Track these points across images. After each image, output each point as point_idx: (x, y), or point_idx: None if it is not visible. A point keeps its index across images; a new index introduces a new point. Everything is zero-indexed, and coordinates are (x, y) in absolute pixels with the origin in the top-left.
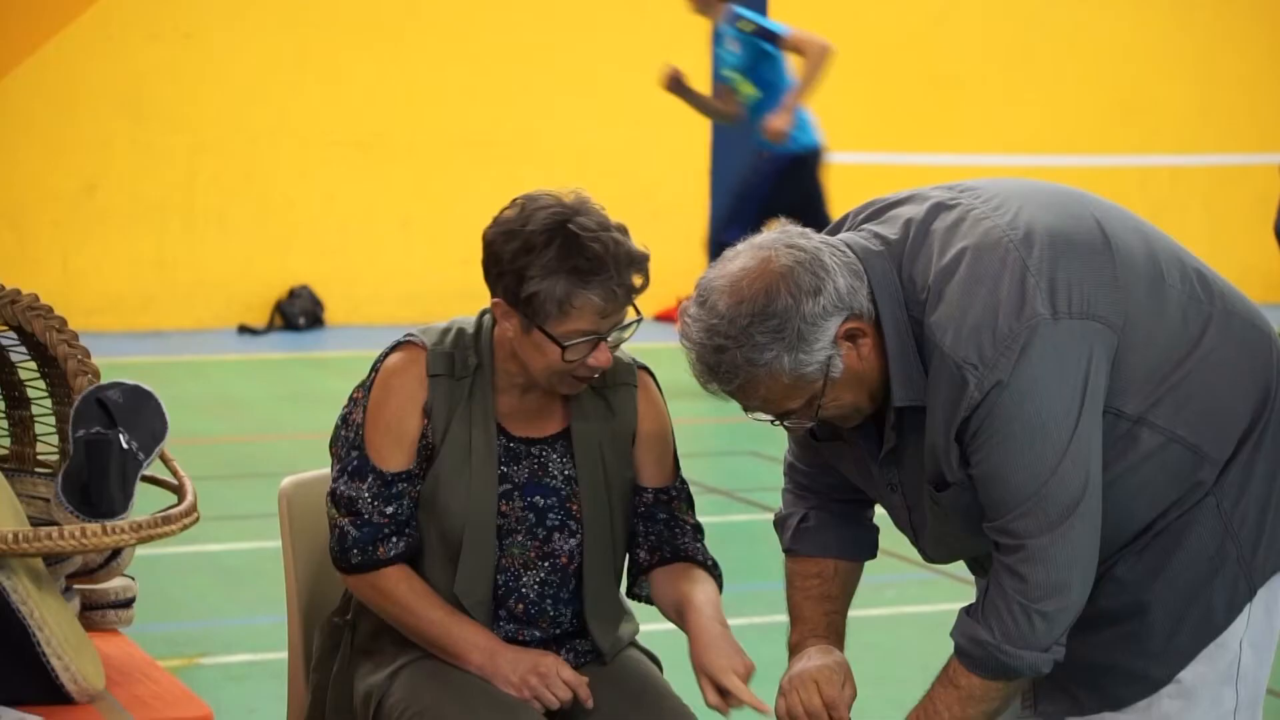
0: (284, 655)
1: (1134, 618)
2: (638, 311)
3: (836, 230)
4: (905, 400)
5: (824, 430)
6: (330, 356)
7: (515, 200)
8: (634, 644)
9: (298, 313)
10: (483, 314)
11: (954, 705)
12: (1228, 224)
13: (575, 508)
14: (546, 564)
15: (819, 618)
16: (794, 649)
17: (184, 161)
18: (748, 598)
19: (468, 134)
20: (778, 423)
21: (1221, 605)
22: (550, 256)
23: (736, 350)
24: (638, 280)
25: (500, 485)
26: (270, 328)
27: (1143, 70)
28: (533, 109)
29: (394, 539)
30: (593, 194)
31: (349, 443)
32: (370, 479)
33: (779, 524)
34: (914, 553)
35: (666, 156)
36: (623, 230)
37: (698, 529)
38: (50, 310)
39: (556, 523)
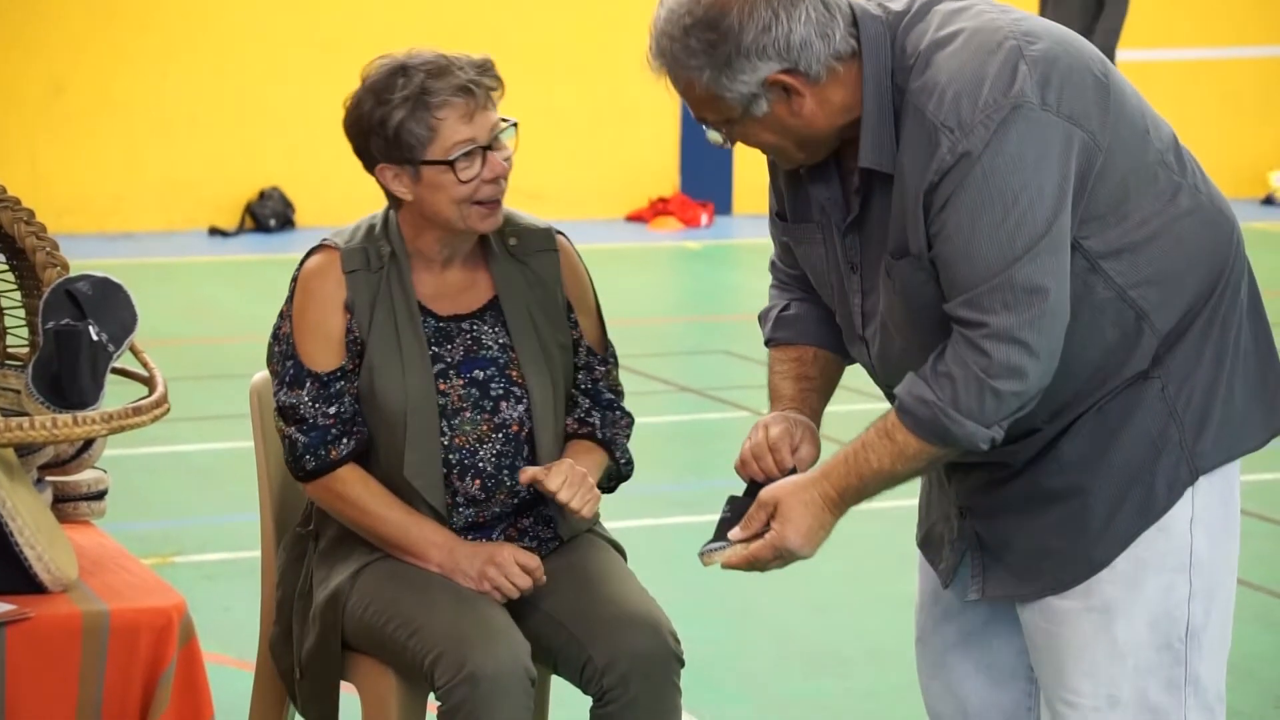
0: (258, 554)
1: (1075, 498)
2: (508, 120)
3: None
4: (871, 163)
5: (795, 211)
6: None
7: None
8: (595, 533)
9: (268, 214)
10: (388, 208)
11: (885, 458)
12: (1196, 119)
13: (515, 374)
14: (500, 435)
15: (794, 394)
16: None
17: (154, 62)
18: (720, 495)
19: (438, 33)
20: (705, 127)
21: (1163, 488)
22: (398, 92)
23: (671, 44)
24: (490, 81)
25: (435, 365)
26: (241, 229)
27: None
28: (502, 8)
29: (343, 440)
30: (563, 96)
31: (282, 355)
32: (308, 384)
33: (762, 317)
34: None
35: (637, 57)
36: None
37: (614, 404)
38: (18, 202)
39: (500, 391)
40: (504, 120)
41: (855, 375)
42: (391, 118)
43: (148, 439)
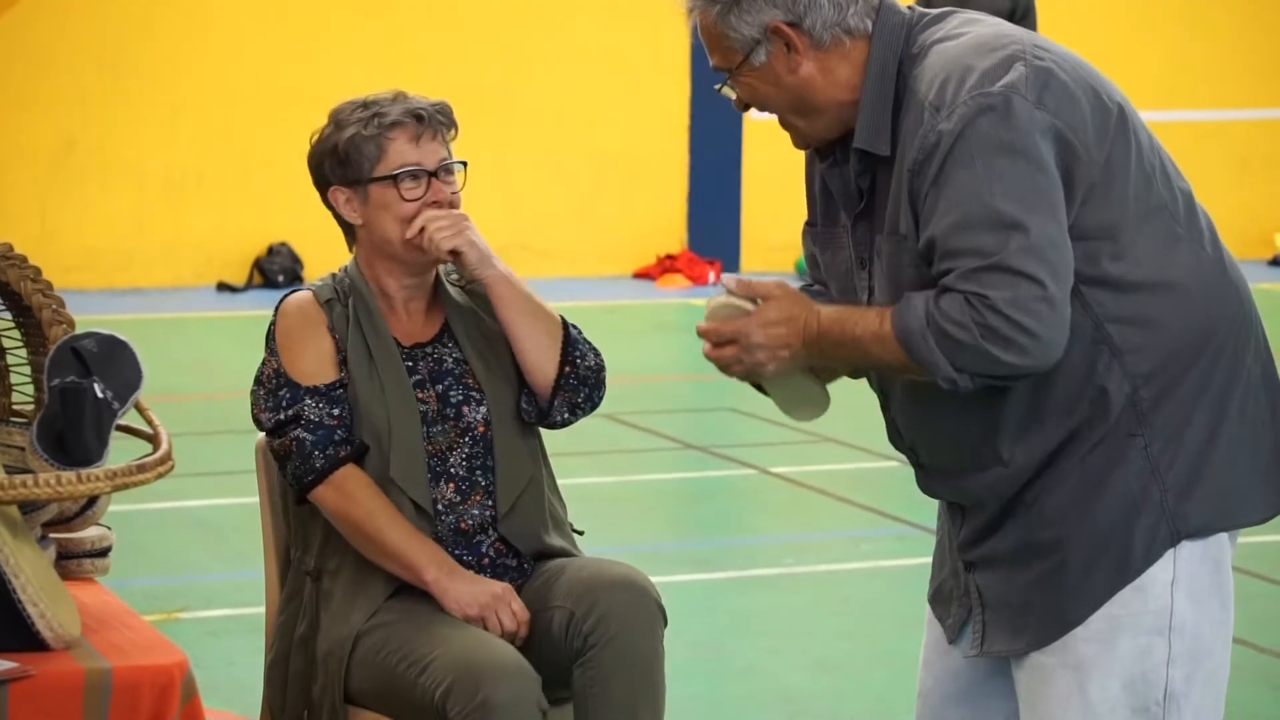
0: (262, 610)
1: (1056, 553)
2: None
3: None
4: (864, 143)
5: (825, 215)
6: None
7: None
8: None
9: (277, 270)
10: (344, 266)
11: (866, 332)
12: (1204, 179)
13: (471, 381)
14: (466, 439)
15: None
16: None
17: (163, 118)
18: (724, 552)
19: (448, 91)
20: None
21: (1140, 547)
22: (358, 118)
23: None
24: (441, 117)
25: (411, 376)
26: (249, 285)
27: (1118, 26)
28: (512, 67)
29: (346, 445)
30: (571, 152)
31: (273, 389)
32: (309, 398)
33: None
34: (890, 507)
35: (645, 115)
36: None
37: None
38: (25, 260)
39: (460, 397)
40: (453, 159)
41: (867, 435)
42: (344, 137)
43: (153, 494)
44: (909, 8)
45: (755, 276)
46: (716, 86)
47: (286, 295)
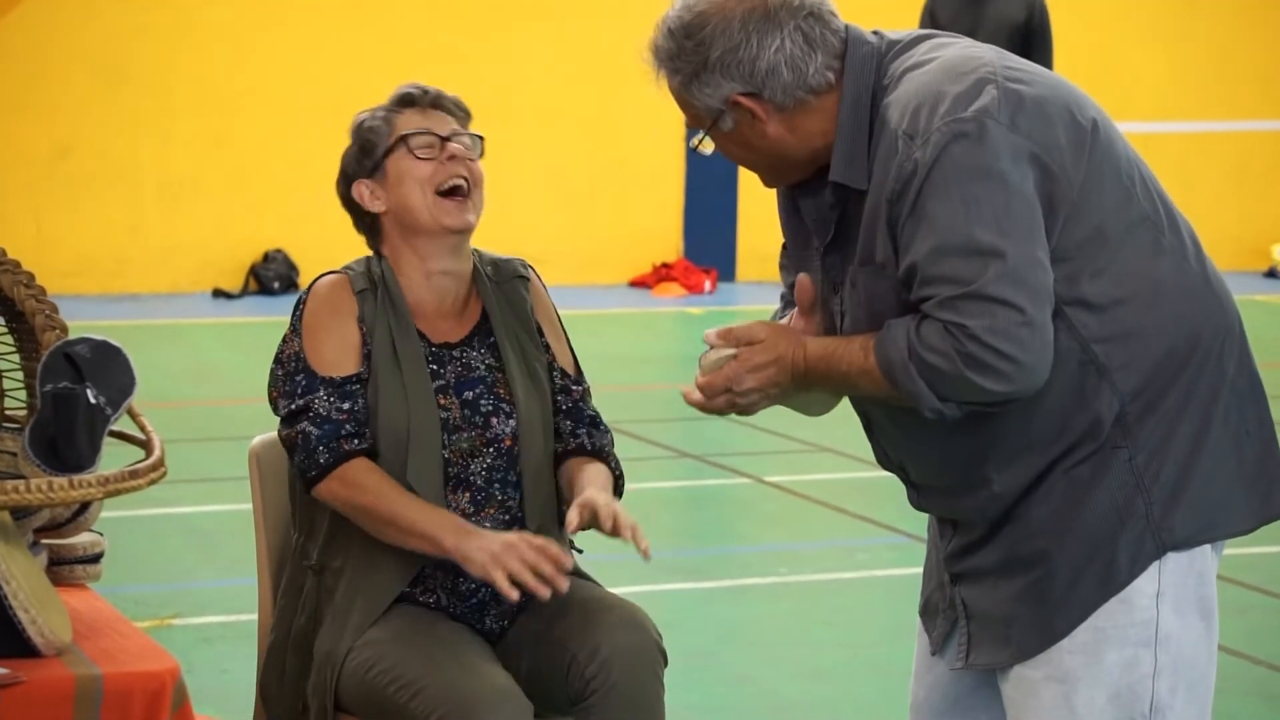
0: (255, 617)
1: (1041, 565)
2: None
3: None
4: (841, 177)
5: (797, 239)
6: None
7: None
8: (576, 573)
9: (272, 277)
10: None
11: (853, 366)
12: (1201, 191)
13: (503, 391)
14: (491, 449)
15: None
16: None
17: (158, 125)
18: (719, 561)
19: None
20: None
21: (1125, 560)
22: (369, 114)
23: (659, 39)
24: (448, 101)
25: (434, 381)
26: (244, 292)
27: (1115, 37)
28: (507, 75)
29: (355, 439)
30: (567, 161)
31: (290, 373)
32: (321, 390)
33: None
34: (885, 517)
35: (641, 123)
36: None
37: (596, 420)
38: (18, 265)
39: (490, 407)
40: (467, 132)
41: (862, 444)
42: (360, 133)
43: (147, 501)
44: (874, 33)
45: (747, 288)
46: (693, 144)
47: (321, 276)
